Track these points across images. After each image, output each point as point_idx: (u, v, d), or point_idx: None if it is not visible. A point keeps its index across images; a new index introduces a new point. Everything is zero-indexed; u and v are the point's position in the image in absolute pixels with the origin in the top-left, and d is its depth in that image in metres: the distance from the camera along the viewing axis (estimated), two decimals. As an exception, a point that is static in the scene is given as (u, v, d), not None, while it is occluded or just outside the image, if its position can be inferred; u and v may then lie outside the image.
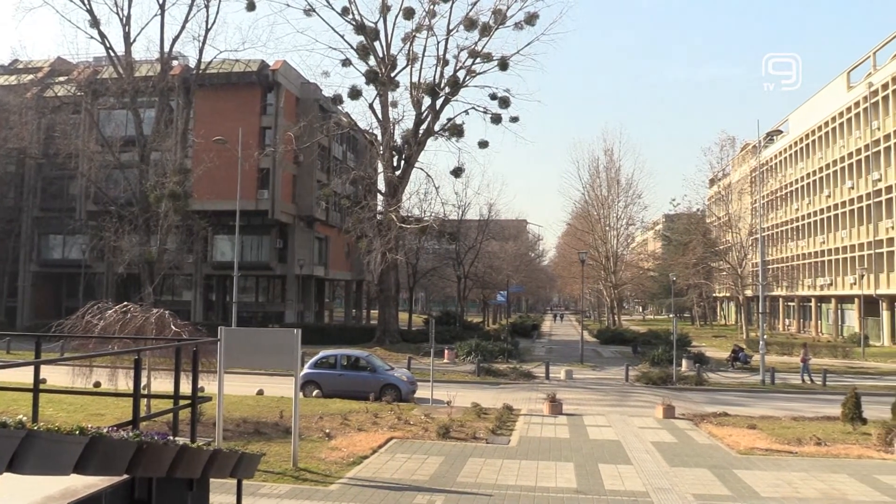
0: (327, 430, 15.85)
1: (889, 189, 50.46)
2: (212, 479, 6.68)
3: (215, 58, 42.92)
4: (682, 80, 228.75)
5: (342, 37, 44.43)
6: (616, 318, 72.03)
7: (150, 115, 43.51)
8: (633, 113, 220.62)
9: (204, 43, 41.60)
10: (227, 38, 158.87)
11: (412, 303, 64.83)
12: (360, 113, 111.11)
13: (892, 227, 50.02)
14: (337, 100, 44.84)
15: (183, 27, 41.50)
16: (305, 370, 22.68)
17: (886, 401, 19.01)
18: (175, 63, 45.50)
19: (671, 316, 41.75)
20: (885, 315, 52.42)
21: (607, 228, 66.59)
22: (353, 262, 60.49)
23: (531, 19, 41.40)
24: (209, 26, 41.94)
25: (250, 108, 48.54)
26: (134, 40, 41.58)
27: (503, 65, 41.81)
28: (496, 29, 41.72)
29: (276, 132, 47.71)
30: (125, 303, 16.31)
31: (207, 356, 14.27)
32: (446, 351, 36.06)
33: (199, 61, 42.49)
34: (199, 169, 40.54)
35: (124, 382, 15.32)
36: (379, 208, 44.79)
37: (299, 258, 49.92)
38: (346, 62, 43.10)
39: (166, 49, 41.79)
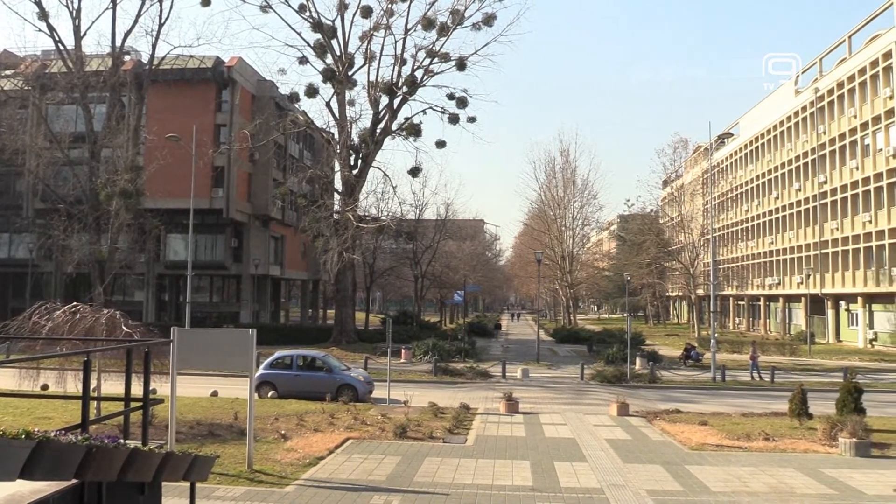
0: (283, 431, 15.71)
1: (834, 191, 52.04)
2: (164, 483, 6.58)
3: (169, 53, 42.14)
4: (643, 82, 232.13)
5: (299, 34, 44.28)
6: (571, 318, 72.86)
7: (100, 110, 42.40)
8: (589, 114, 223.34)
9: (157, 38, 40.82)
10: (181, 34, 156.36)
11: (369, 302, 64.58)
12: (317, 111, 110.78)
13: (837, 229, 51.58)
14: (293, 98, 44.47)
15: (135, 21, 40.65)
16: (260, 371, 22.44)
17: (831, 396, 19.58)
18: (127, 58, 44.51)
19: (625, 315, 42.42)
20: (830, 313, 54.06)
21: (563, 228, 67.33)
22: (309, 261, 60.00)
23: (489, 20, 41.60)
24: (162, 21, 41.19)
25: (205, 105, 47.83)
26: (84, 34, 40.67)
27: (461, 65, 41.95)
28: (454, 29, 41.86)
29: (231, 130, 47.09)
30: (74, 303, 15.94)
31: (160, 357, 14.04)
32: (403, 350, 36.02)
33: (152, 56, 41.66)
34: (151, 166, 39.76)
35: (73, 385, 14.99)
36: (336, 207, 44.52)
37: (254, 257, 49.34)
38: (302, 60, 42.76)
39: (118, 43, 40.91)
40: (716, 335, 34.52)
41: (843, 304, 53.03)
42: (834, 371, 32.21)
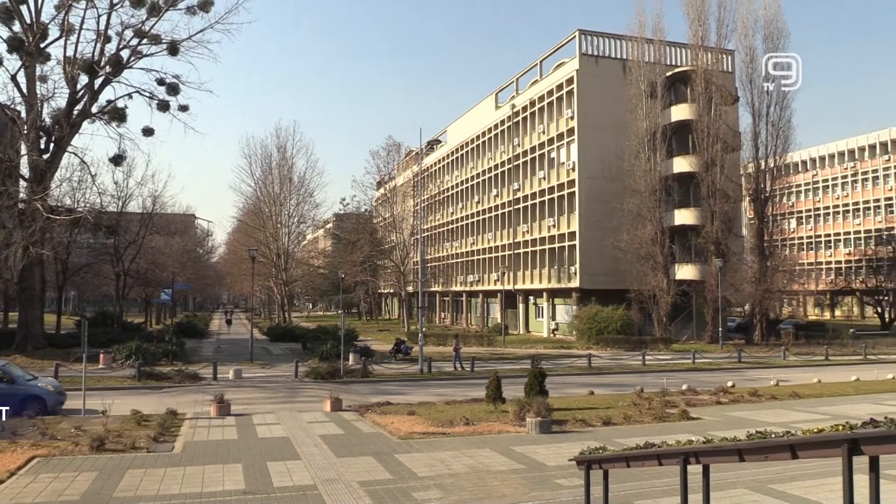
0: (-50, 455, 13.62)
1: (526, 198, 58.15)
2: None
3: None
4: (367, 85, 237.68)
5: (-24, -7, 38.10)
6: (287, 316, 72.44)
7: None
8: (311, 112, 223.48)
9: None
10: None
11: (61, 303, 58.07)
12: (0, 84, 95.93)
13: (528, 231, 57.71)
14: (-32, 67, 38.41)
15: None
16: (-81, 385, 19.14)
17: (521, 381, 21.90)
18: None
19: (339, 312, 43.25)
20: (521, 307, 60.32)
21: (279, 226, 66.63)
22: (-15, 256, 52.28)
23: (205, 5, 39.56)
24: None
25: None
26: None
27: (173, 49, 39.41)
28: (166, 10, 39.13)
29: None
30: None
31: None
32: (102, 355, 33.08)
33: None
34: None
35: None
36: (22, 196, 39.37)
37: (-89, 251, 41.84)
38: (-19, 24, 37.12)
39: None
40: (423, 329, 36.78)
41: (532, 298, 59.47)
42: (524, 359, 35.95)
